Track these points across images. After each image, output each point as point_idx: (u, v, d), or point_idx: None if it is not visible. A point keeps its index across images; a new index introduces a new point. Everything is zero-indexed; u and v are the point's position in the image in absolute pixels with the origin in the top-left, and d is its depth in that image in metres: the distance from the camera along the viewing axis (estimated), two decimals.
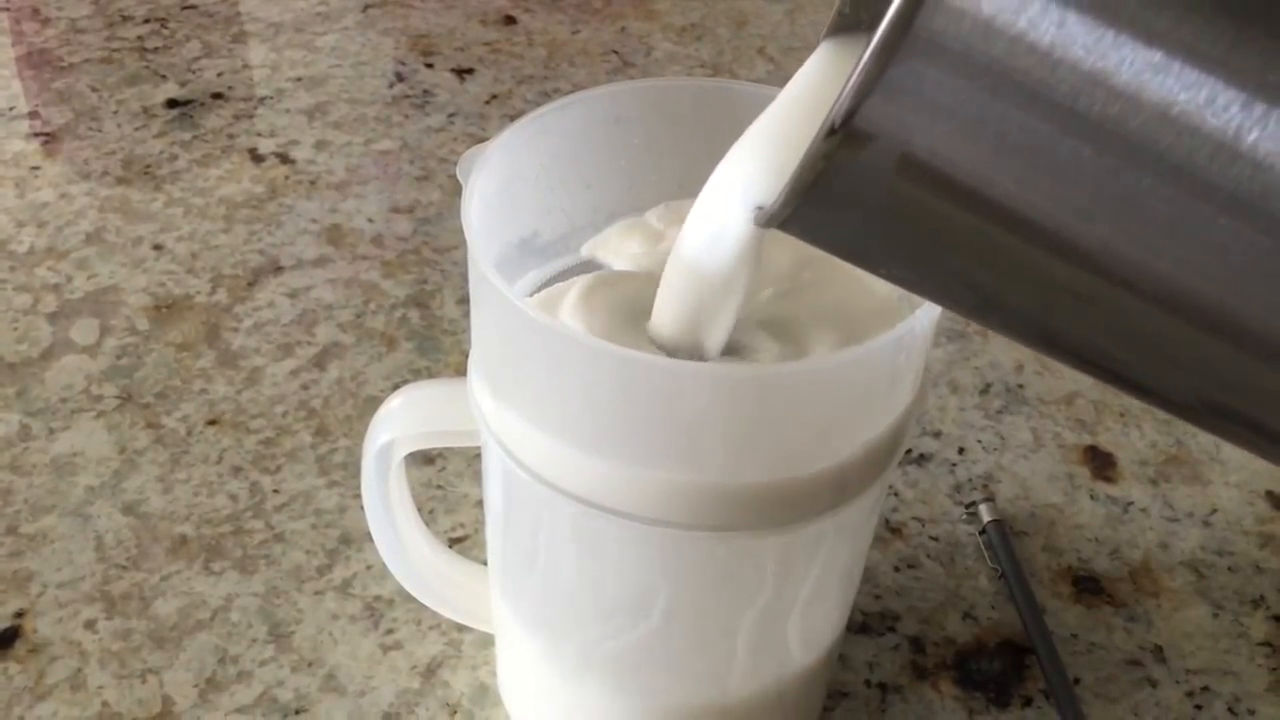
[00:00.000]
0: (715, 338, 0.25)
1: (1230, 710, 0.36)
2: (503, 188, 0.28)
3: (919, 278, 0.22)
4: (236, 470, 0.41)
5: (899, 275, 0.22)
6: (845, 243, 0.22)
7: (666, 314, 0.25)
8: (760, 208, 0.24)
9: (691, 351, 0.25)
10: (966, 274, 0.21)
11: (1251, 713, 0.36)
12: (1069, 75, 0.17)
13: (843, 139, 0.18)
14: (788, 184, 0.19)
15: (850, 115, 0.18)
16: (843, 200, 0.20)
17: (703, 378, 0.24)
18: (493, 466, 0.28)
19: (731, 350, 0.26)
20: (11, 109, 0.59)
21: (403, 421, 0.30)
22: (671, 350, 0.25)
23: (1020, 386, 0.46)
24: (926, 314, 0.25)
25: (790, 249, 0.26)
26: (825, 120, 0.18)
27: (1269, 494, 0.43)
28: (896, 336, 0.24)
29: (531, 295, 0.30)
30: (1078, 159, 0.18)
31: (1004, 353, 0.48)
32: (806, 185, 0.19)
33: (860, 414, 0.26)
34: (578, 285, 0.28)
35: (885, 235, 0.21)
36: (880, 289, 0.29)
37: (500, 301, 0.24)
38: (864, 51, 0.17)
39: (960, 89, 0.18)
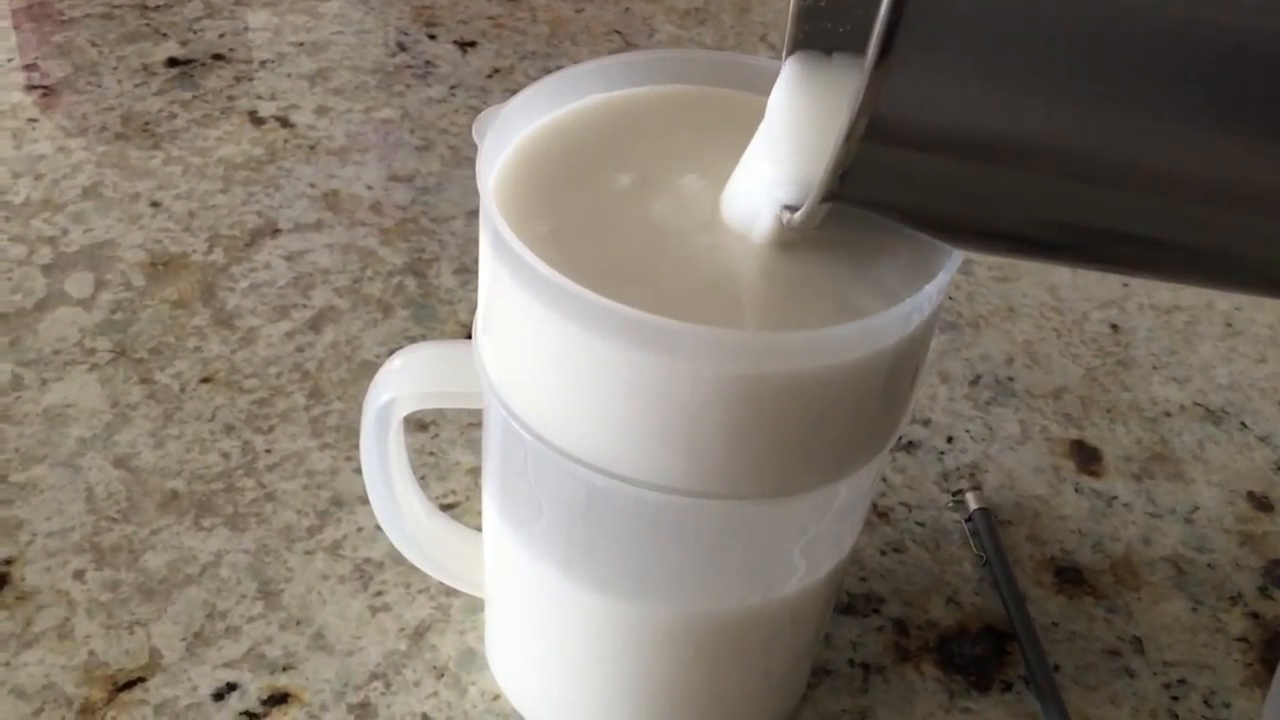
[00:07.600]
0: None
1: (1206, 703, 0.37)
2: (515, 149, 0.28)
3: (950, 236, 0.22)
4: (229, 429, 0.41)
5: (933, 236, 0.23)
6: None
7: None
8: (788, 208, 0.25)
9: None
10: (1009, 216, 0.21)
11: (1227, 705, 0.37)
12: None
13: (860, 143, 0.19)
14: (812, 195, 0.20)
15: (863, 123, 0.19)
16: (869, 195, 0.20)
17: (702, 340, 0.24)
18: (494, 428, 0.29)
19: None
20: (9, 60, 0.58)
21: (405, 380, 0.30)
22: None
23: (1010, 379, 0.47)
24: (935, 287, 0.25)
25: None
26: (840, 132, 0.19)
27: (1250, 494, 0.43)
28: (905, 312, 0.24)
29: None
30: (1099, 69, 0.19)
31: (994, 345, 0.48)
32: (830, 193, 0.20)
33: (861, 386, 0.26)
34: None
35: (914, 212, 0.21)
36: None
37: (511, 256, 0.24)
38: (866, 57, 0.18)
39: (961, 62, 0.18)
